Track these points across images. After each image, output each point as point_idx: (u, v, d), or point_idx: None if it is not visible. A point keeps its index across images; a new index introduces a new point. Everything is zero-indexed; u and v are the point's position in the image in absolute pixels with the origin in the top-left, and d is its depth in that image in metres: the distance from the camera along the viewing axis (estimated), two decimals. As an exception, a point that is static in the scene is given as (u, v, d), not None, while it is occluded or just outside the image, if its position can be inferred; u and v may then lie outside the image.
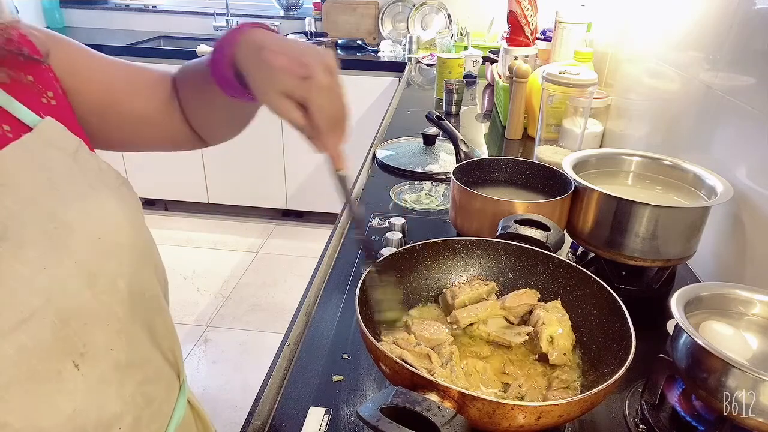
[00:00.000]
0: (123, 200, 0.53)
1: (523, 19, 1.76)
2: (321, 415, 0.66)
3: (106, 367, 0.48)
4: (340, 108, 0.54)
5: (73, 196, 0.48)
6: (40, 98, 0.51)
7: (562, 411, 0.51)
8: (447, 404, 0.48)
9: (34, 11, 3.33)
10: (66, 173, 0.48)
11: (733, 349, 0.60)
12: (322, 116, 0.52)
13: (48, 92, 0.52)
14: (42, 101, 0.51)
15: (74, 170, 0.49)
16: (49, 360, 0.43)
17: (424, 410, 0.46)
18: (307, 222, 3.32)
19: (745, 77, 0.93)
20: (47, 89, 0.53)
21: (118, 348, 0.50)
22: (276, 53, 0.51)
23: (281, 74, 0.51)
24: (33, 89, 0.51)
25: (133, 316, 0.51)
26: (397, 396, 0.47)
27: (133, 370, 0.52)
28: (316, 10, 3.29)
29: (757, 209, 0.86)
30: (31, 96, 0.51)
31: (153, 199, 3.40)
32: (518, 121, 1.66)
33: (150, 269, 0.56)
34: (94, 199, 0.49)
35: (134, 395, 0.52)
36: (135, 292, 0.52)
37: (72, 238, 0.46)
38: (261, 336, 2.41)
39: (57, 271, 0.44)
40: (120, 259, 0.50)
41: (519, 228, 0.80)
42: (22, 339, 0.41)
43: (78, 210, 0.47)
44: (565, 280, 0.74)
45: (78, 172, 0.49)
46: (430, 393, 0.49)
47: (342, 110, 0.54)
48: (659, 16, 1.33)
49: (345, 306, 0.88)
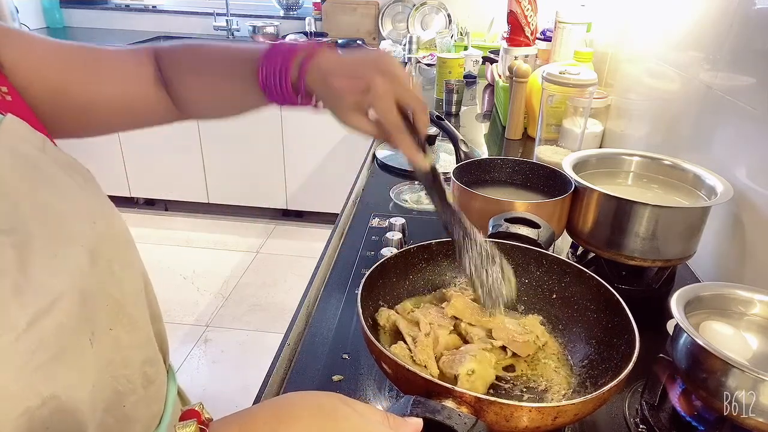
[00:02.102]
0: (99, 189, 0.54)
1: (523, 19, 1.76)
2: (321, 415, 0.66)
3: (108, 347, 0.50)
4: (411, 101, 0.57)
5: (58, 187, 0.48)
6: None
7: (577, 410, 0.51)
8: (463, 410, 0.48)
9: (34, 11, 3.33)
10: (43, 167, 0.48)
11: (733, 349, 0.60)
12: (387, 120, 0.56)
13: (2, 87, 0.52)
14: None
15: (49, 163, 0.49)
16: (77, 336, 0.45)
17: (446, 419, 0.46)
18: (307, 222, 3.32)
19: (745, 77, 0.93)
20: (0, 84, 0.52)
21: (117, 328, 0.51)
22: (336, 76, 0.56)
23: (344, 95, 0.56)
24: None
25: (125, 298, 0.52)
26: (416, 406, 0.47)
27: (134, 351, 0.53)
28: (316, 10, 3.29)
29: (757, 209, 0.86)
30: None
31: (153, 199, 3.40)
32: (518, 121, 1.66)
33: (135, 253, 0.57)
34: (76, 189, 0.50)
35: (136, 375, 0.53)
36: (127, 274, 0.53)
37: (71, 226, 0.47)
38: (261, 336, 2.41)
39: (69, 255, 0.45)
40: (111, 242, 0.51)
41: (510, 227, 0.80)
42: (58, 317, 0.42)
43: (67, 200, 0.48)
44: (559, 277, 0.74)
45: (53, 165, 0.50)
46: (446, 400, 0.49)
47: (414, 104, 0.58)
48: (659, 16, 1.33)
49: (345, 306, 0.88)
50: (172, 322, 2.43)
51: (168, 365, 0.65)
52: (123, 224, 0.55)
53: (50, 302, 0.42)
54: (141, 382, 0.54)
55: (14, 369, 0.39)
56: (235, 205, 3.28)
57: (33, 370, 0.40)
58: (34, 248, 0.43)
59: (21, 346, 0.39)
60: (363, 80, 0.55)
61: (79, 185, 0.51)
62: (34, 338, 0.40)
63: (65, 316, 0.43)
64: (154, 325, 0.60)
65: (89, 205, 0.50)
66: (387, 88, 0.55)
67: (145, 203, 3.43)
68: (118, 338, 0.51)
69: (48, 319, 0.42)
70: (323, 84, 0.57)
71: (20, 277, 0.41)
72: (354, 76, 0.55)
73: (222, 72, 0.65)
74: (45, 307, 0.42)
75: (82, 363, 0.46)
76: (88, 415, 0.46)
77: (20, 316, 0.40)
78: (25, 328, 0.40)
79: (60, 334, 0.43)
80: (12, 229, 0.42)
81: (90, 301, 0.47)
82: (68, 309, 0.44)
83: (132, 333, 0.53)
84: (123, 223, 0.56)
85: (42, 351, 0.41)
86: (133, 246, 0.57)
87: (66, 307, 0.43)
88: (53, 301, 0.42)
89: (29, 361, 0.40)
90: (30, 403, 0.39)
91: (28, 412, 0.39)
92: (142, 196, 3.37)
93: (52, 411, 0.41)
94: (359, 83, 0.55)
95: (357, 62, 0.57)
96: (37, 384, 0.40)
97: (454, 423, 0.46)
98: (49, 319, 0.42)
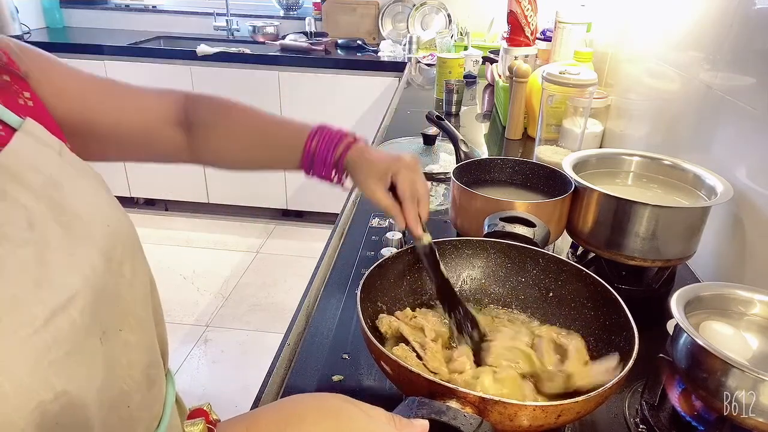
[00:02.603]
0: (110, 193, 0.55)
1: (523, 19, 1.76)
2: (321, 415, 0.66)
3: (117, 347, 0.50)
4: (421, 188, 0.71)
5: (74, 189, 0.49)
6: (17, 99, 0.52)
7: (580, 407, 0.52)
8: (468, 410, 0.48)
9: (34, 11, 3.33)
10: (60, 169, 0.50)
11: (733, 349, 0.60)
12: (404, 187, 0.70)
13: (24, 93, 0.53)
14: (19, 102, 0.52)
15: (65, 166, 0.50)
16: (89, 334, 0.45)
17: (451, 419, 0.47)
18: (307, 222, 3.32)
19: (745, 77, 0.93)
20: (23, 90, 0.53)
21: (126, 330, 0.52)
22: (374, 152, 0.72)
23: (378, 163, 0.70)
24: (10, 90, 0.52)
25: (135, 300, 0.53)
26: (420, 407, 0.47)
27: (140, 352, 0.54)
28: (316, 10, 3.29)
29: (757, 209, 0.86)
30: (9, 97, 0.51)
31: (153, 199, 3.40)
32: (518, 121, 1.66)
33: (143, 257, 0.58)
34: (91, 191, 0.51)
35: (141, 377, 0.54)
36: (137, 277, 0.54)
37: (87, 227, 0.48)
38: (261, 336, 2.41)
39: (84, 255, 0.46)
40: (123, 245, 0.52)
41: (506, 226, 0.80)
42: (73, 314, 0.43)
43: (83, 202, 0.49)
44: (556, 275, 0.74)
45: (69, 168, 0.51)
46: (450, 400, 0.49)
47: (423, 191, 0.71)
48: (659, 16, 1.33)
49: (345, 306, 0.88)
50: (172, 322, 2.43)
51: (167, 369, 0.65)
52: (133, 228, 0.57)
53: (66, 299, 0.43)
54: (145, 383, 0.55)
55: (30, 363, 0.39)
56: (235, 205, 3.28)
57: (48, 365, 0.41)
58: (52, 247, 0.44)
59: (38, 340, 0.40)
60: (396, 157, 0.71)
61: (93, 189, 0.52)
62: (50, 334, 0.41)
63: (79, 314, 0.44)
64: (157, 327, 0.60)
65: (103, 208, 0.51)
66: (410, 169, 0.71)
67: (145, 203, 3.43)
68: (127, 339, 0.52)
69: (64, 315, 0.42)
70: (360, 157, 0.71)
71: (40, 273, 0.42)
72: (389, 155, 0.72)
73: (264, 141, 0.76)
74: (62, 303, 0.42)
75: (93, 361, 0.46)
76: (95, 412, 0.47)
77: (39, 312, 0.41)
78: (42, 323, 0.40)
79: (74, 332, 0.43)
80: (31, 226, 0.43)
81: (102, 301, 0.48)
82: (82, 307, 0.44)
83: (139, 335, 0.54)
84: (133, 227, 0.57)
85: (57, 347, 0.41)
86: (141, 250, 0.58)
87: (80, 305, 0.44)
88: (69, 299, 0.43)
89: (45, 356, 0.40)
90: (43, 397, 0.40)
91: (41, 406, 0.40)
92: (142, 196, 3.37)
93: (63, 406, 0.42)
94: (391, 158, 0.71)
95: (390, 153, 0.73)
96: (51, 378, 0.41)
97: (460, 423, 0.46)
98: (65, 315, 0.43)
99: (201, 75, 2.90)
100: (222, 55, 2.85)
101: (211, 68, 2.87)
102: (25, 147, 0.47)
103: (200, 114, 0.72)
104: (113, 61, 2.92)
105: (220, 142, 0.74)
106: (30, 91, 0.54)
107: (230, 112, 0.74)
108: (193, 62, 2.87)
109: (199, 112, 0.72)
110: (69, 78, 0.63)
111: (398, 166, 0.70)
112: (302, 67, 2.86)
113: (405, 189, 0.70)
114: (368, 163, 0.70)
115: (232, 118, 0.74)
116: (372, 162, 0.70)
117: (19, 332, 0.39)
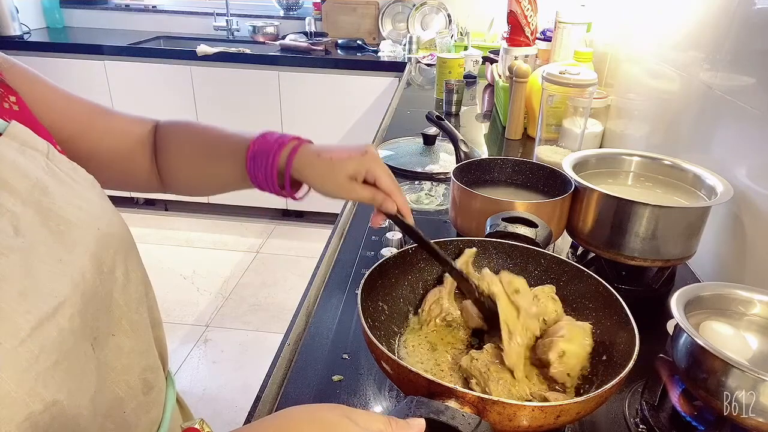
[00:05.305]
0: (102, 193, 0.54)
1: (523, 19, 1.76)
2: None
3: (110, 353, 0.50)
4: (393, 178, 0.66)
5: (63, 192, 0.49)
6: (2, 103, 0.52)
7: (579, 408, 0.52)
8: (467, 410, 0.48)
9: (34, 11, 3.33)
10: (48, 172, 0.49)
11: (733, 349, 0.60)
12: (387, 181, 0.64)
13: (10, 97, 0.53)
14: (5, 106, 0.52)
15: (53, 168, 0.50)
16: (77, 342, 0.45)
17: (450, 419, 0.46)
18: (307, 222, 3.32)
19: (745, 77, 0.93)
20: (9, 94, 0.53)
21: (119, 334, 0.51)
22: (330, 152, 0.64)
23: (342, 163, 0.63)
24: None
25: (128, 303, 0.53)
26: (419, 407, 0.47)
27: (135, 357, 0.54)
28: (316, 10, 3.29)
29: (757, 209, 0.86)
30: None
31: (153, 199, 3.40)
32: (518, 121, 1.66)
33: (137, 259, 0.57)
34: (81, 193, 0.51)
35: (137, 382, 0.54)
36: (131, 280, 0.54)
37: (77, 232, 0.47)
38: (261, 336, 2.41)
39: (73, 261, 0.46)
40: (115, 248, 0.52)
41: (508, 226, 0.80)
42: (61, 322, 0.43)
43: (72, 205, 0.48)
44: (558, 276, 0.74)
45: (57, 170, 0.50)
46: (449, 400, 0.49)
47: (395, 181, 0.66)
48: (659, 16, 1.33)
49: (345, 306, 0.88)
50: (172, 322, 2.43)
51: (167, 371, 0.65)
52: (127, 230, 0.56)
53: (54, 307, 0.42)
54: (141, 388, 0.55)
55: (17, 374, 0.39)
56: (235, 205, 3.28)
57: (36, 376, 0.40)
58: (40, 253, 0.43)
59: (24, 351, 0.39)
60: (357, 149, 0.63)
61: (83, 191, 0.51)
62: (37, 343, 0.40)
63: (68, 322, 0.43)
64: (154, 330, 0.60)
65: (93, 211, 0.51)
66: (378, 162, 0.64)
67: (145, 203, 3.43)
68: (120, 344, 0.51)
69: (51, 324, 0.42)
70: (317, 159, 0.63)
71: (26, 282, 0.41)
72: (346, 149, 0.64)
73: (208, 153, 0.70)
74: (49, 312, 0.42)
75: (84, 368, 0.46)
76: (89, 420, 0.46)
77: (24, 322, 0.40)
78: (28, 333, 0.40)
79: (62, 340, 0.43)
80: (18, 233, 0.42)
81: (92, 306, 0.47)
82: (71, 314, 0.44)
83: (133, 339, 0.53)
84: (127, 229, 0.56)
85: (45, 356, 0.41)
86: (135, 252, 0.57)
87: (69, 313, 0.44)
88: (57, 306, 0.43)
89: (32, 367, 0.40)
90: (32, 408, 0.40)
91: (30, 418, 0.39)
92: (142, 196, 3.37)
93: (54, 416, 0.41)
94: (355, 152, 0.63)
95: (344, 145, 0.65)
96: (39, 389, 0.40)
97: (458, 423, 0.46)
98: (52, 324, 0.42)
99: (201, 75, 2.90)
100: (222, 55, 2.85)
101: (211, 68, 2.87)
102: (10, 151, 0.47)
103: (159, 137, 0.72)
104: (113, 61, 2.92)
105: (172, 162, 0.72)
106: (16, 95, 0.53)
107: (180, 132, 0.72)
108: (193, 62, 2.87)
109: (159, 136, 0.72)
110: (56, 94, 0.63)
111: (368, 162, 0.63)
112: (302, 67, 2.86)
113: (388, 183, 0.65)
114: (330, 164, 0.63)
115: (180, 137, 0.72)
116: (334, 162, 0.63)
117: (4, 344, 0.38)
